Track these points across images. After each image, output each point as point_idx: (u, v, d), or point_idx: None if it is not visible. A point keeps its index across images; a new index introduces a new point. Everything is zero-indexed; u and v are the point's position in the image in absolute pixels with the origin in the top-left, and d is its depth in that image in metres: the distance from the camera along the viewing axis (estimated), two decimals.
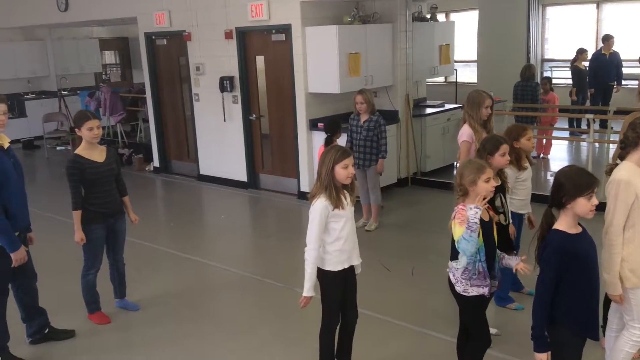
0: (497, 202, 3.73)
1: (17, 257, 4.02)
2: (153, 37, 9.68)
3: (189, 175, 9.78)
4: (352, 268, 3.71)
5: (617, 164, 3.32)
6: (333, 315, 3.74)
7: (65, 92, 13.35)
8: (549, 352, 2.86)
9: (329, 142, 6.28)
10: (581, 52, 10.52)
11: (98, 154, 4.56)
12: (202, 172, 9.46)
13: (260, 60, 8.35)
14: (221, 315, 4.99)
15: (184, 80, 9.55)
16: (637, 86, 9.17)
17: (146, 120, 11.04)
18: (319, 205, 3.46)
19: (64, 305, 5.06)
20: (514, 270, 3.54)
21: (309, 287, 3.56)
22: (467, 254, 3.24)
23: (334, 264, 3.59)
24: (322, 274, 3.62)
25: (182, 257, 6.36)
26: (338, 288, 3.68)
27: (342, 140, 6.53)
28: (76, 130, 4.50)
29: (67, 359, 4.41)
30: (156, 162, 10.29)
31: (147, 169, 10.46)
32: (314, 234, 3.49)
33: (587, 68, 10.52)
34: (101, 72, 15.22)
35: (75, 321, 4.84)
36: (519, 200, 4.54)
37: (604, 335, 3.66)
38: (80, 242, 4.54)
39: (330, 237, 3.54)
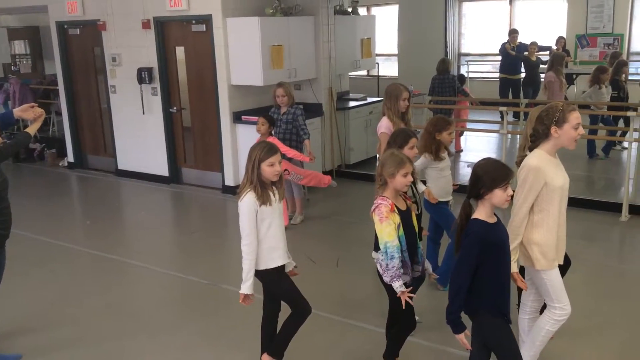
0: (409, 192, 3.84)
1: None
2: (65, 26, 9.25)
3: (106, 171, 9.42)
4: (283, 266, 3.62)
5: (526, 155, 3.48)
6: (303, 304, 3.58)
7: None
8: (466, 330, 2.99)
9: None
10: (532, 44, 10.73)
11: None
12: (120, 166, 9.14)
13: (180, 51, 8.15)
14: (143, 315, 4.83)
15: (99, 71, 9.19)
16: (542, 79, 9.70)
17: (59, 113, 10.57)
18: (247, 200, 3.40)
19: None
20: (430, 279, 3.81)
21: (246, 284, 3.45)
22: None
23: (266, 262, 3.50)
24: (260, 276, 3.53)
25: (100, 256, 6.11)
26: (284, 280, 3.60)
27: None
28: None
29: None
30: (70, 157, 9.85)
31: (60, 164, 10.02)
32: (246, 228, 3.41)
33: (537, 59, 10.73)
34: (10, 63, 14.43)
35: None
36: (440, 188, 4.75)
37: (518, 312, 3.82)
38: None
39: (259, 234, 3.45)
